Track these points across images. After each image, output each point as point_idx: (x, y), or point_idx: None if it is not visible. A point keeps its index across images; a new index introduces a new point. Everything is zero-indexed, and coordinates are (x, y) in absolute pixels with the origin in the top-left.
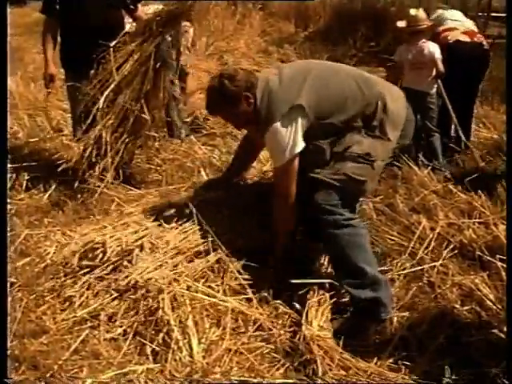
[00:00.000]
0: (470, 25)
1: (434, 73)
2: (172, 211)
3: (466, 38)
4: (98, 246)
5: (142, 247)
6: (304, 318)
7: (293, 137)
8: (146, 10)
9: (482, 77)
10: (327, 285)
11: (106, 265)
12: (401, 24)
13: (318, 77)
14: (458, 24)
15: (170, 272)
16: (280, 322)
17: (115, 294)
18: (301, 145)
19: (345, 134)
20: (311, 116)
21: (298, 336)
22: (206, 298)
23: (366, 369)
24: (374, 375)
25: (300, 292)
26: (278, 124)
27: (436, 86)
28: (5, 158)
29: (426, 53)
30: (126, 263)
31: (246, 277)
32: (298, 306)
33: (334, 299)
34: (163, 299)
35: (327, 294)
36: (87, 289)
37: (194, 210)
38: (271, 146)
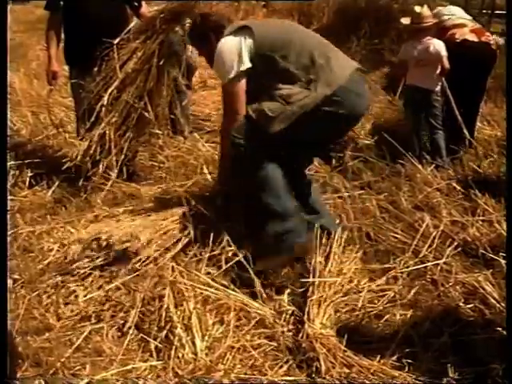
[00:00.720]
0: (469, 20)
1: (438, 70)
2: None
3: (474, 38)
4: (103, 235)
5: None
6: (306, 316)
7: (238, 54)
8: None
9: (488, 76)
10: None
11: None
12: (405, 21)
13: (273, 19)
14: (455, 18)
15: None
16: (283, 318)
17: (118, 283)
18: (247, 64)
19: (281, 82)
20: (257, 40)
21: (300, 334)
22: (209, 290)
23: (368, 367)
24: (377, 373)
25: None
26: (224, 40)
27: (440, 83)
28: (4, 155)
29: (431, 50)
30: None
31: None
32: None
33: (336, 296)
34: (168, 296)
35: (328, 292)
36: (91, 282)
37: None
38: (217, 64)
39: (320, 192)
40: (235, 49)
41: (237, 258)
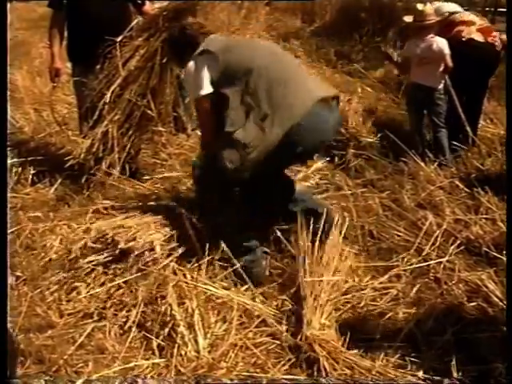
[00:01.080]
0: (478, 17)
1: (441, 68)
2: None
3: (480, 37)
4: (107, 232)
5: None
6: (304, 317)
7: (199, 79)
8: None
9: (491, 75)
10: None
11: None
12: (408, 19)
13: (244, 39)
14: (463, 14)
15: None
16: (285, 318)
17: (120, 281)
18: (207, 89)
19: (238, 111)
20: (220, 66)
21: (299, 336)
22: (211, 291)
23: (370, 368)
24: (378, 374)
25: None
26: (189, 64)
27: (443, 81)
28: (5, 153)
29: (434, 48)
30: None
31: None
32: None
33: (334, 295)
34: (169, 294)
35: (325, 291)
36: (94, 278)
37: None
38: (185, 84)
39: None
40: (197, 74)
41: (232, 268)
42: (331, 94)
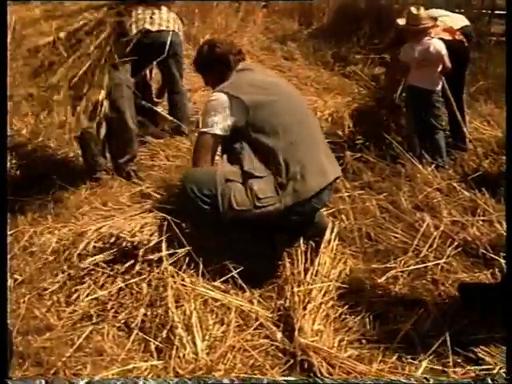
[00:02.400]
0: (458, 19)
1: (439, 69)
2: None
3: (447, 36)
4: (111, 233)
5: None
6: (296, 325)
7: (219, 117)
8: None
9: (463, 72)
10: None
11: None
12: (401, 21)
13: (273, 101)
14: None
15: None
16: (283, 319)
17: (121, 285)
18: (218, 131)
19: (259, 161)
20: (249, 118)
21: (293, 344)
22: (209, 294)
23: (366, 372)
24: (374, 378)
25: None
26: (218, 95)
27: (441, 83)
28: (4, 155)
29: (432, 50)
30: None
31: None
32: None
33: (322, 300)
34: (167, 296)
35: (318, 297)
36: (94, 280)
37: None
38: (203, 111)
39: None
40: (220, 112)
41: (231, 274)
42: (336, 176)
